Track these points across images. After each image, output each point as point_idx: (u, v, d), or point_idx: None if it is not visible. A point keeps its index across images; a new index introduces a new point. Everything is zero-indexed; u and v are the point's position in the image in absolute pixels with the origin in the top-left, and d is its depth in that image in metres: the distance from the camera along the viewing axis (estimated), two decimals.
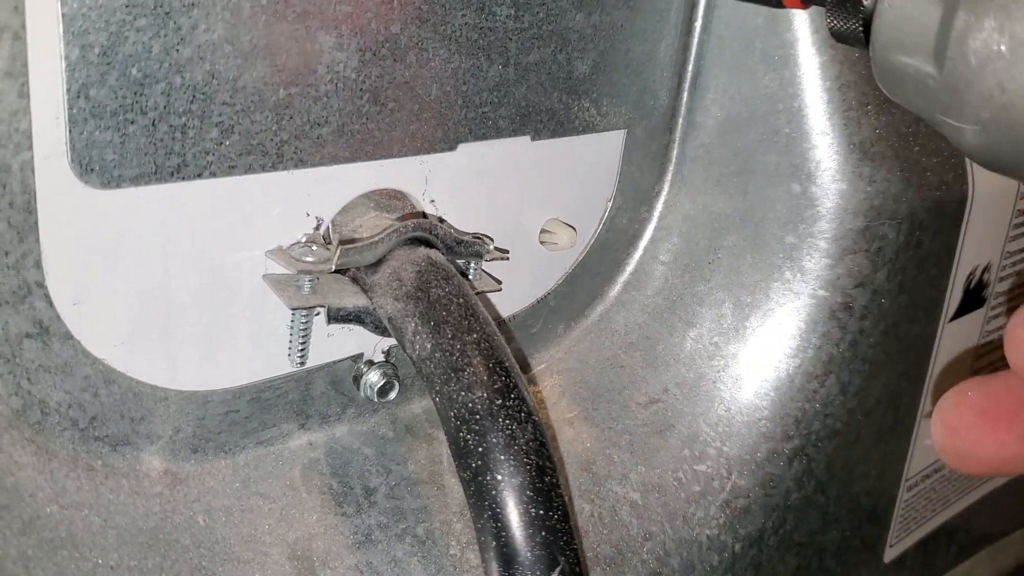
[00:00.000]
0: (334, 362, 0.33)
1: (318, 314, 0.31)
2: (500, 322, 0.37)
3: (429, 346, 0.29)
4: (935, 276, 0.41)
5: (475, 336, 0.29)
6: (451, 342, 0.28)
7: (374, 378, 0.33)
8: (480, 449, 0.27)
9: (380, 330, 0.32)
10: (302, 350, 0.31)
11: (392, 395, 0.34)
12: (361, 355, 0.34)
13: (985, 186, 0.41)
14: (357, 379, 0.34)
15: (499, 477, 0.27)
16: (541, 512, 0.27)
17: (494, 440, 0.27)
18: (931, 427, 0.24)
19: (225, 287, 0.30)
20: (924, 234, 0.39)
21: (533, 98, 0.33)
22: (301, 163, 0.29)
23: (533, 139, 0.34)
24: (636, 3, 0.34)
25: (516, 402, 0.28)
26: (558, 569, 0.26)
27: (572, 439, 0.38)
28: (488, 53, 0.31)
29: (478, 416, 0.27)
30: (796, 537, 0.40)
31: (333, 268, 0.29)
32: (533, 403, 0.28)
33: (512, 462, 0.27)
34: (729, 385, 0.38)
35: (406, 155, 0.31)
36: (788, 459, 0.39)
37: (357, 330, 0.33)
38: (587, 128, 0.35)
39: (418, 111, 0.30)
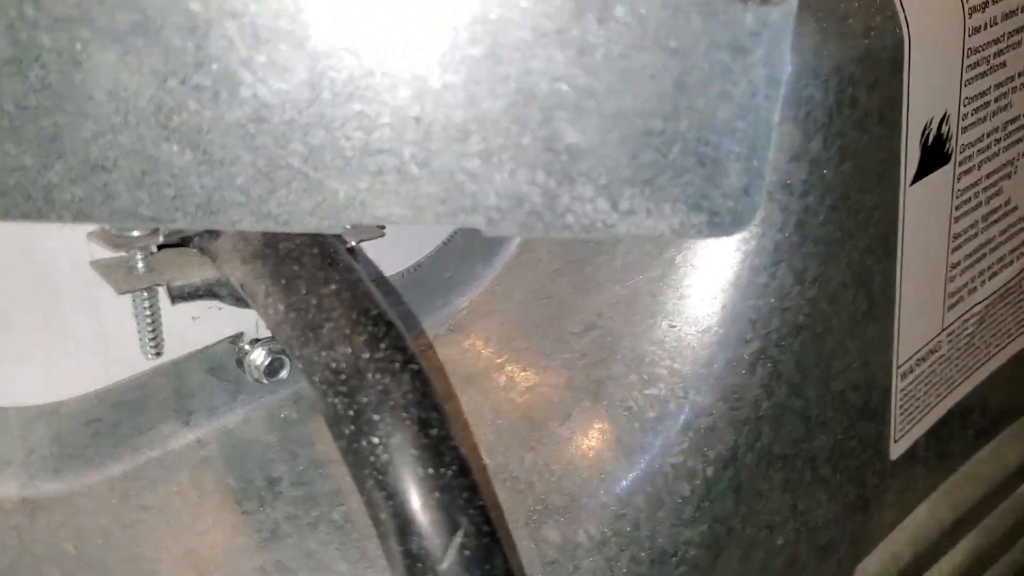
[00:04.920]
0: (208, 347, 0.30)
1: None
2: (379, 281, 0.33)
3: (282, 307, 0.25)
4: (882, 136, 0.36)
5: (333, 287, 0.25)
6: (306, 298, 0.25)
7: (259, 358, 0.30)
8: (351, 412, 0.23)
9: (242, 302, 0.28)
10: (153, 338, 0.27)
11: (283, 373, 0.30)
12: (241, 334, 0.30)
13: (923, 26, 0.36)
14: (240, 361, 0.30)
15: (375, 440, 0.23)
16: (431, 471, 0.23)
17: (364, 400, 0.23)
18: None
19: (48, 281, 0.26)
20: (858, 90, 0.34)
21: None
22: (83, 215, 0.21)
23: None
24: None
25: (388, 352, 0.24)
26: (460, 531, 0.23)
27: (505, 385, 0.34)
28: None
29: (344, 376, 0.23)
30: (777, 449, 0.36)
31: (161, 239, 0.26)
32: (412, 349, 0.24)
33: (388, 420, 0.23)
34: (670, 295, 0.34)
35: (250, 226, 0.22)
36: (750, 365, 0.34)
37: (231, 308, 0.29)
38: None
39: (267, 169, 0.22)
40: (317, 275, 0.25)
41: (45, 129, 0.21)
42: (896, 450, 0.43)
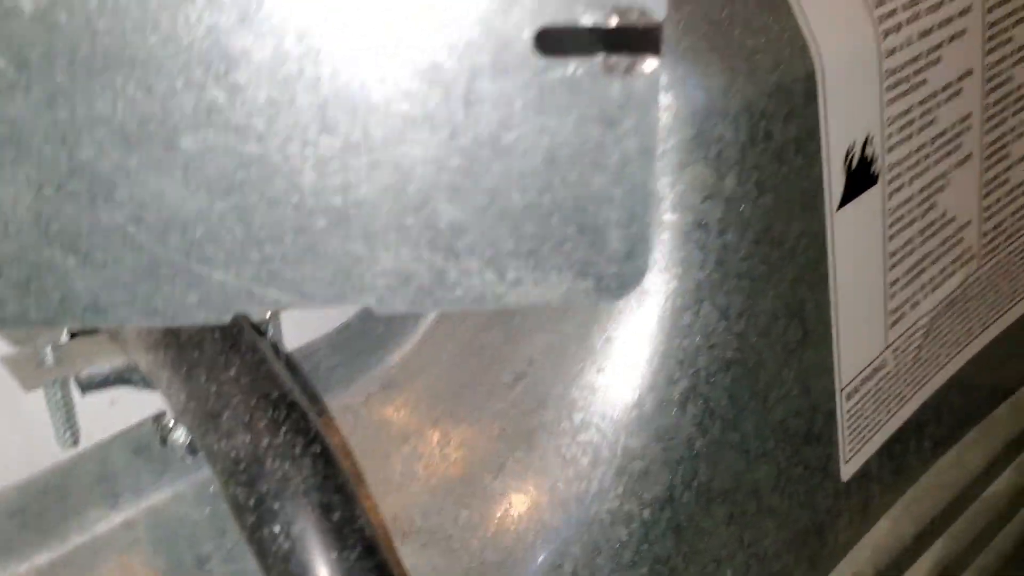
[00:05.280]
0: (131, 427, 0.30)
1: None
2: (288, 360, 0.33)
3: (183, 396, 0.25)
4: (802, 165, 0.36)
5: (233, 372, 0.25)
6: (205, 385, 0.25)
7: (181, 436, 0.30)
8: (252, 502, 0.23)
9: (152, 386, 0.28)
10: (69, 428, 0.27)
11: None
12: (163, 413, 0.30)
13: (836, 53, 0.37)
14: (164, 439, 0.30)
15: (276, 529, 0.23)
16: (334, 555, 0.23)
17: (264, 488, 0.23)
18: None
19: None
20: (772, 123, 0.35)
21: None
22: None
23: None
24: None
25: (288, 437, 0.24)
26: None
27: (439, 441, 0.34)
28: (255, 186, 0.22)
29: (243, 465, 0.24)
30: (717, 485, 0.36)
31: (66, 331, 0.26)
32: (315, 430, 0.25)
33: (289, 508, 0.23)
34: (597, 340, 0.34)
35: (138, 323, 0.23)
36: (680, 404, 0.35)
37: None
38: None
39: (150, 267, 0.22)
40: (217, 360, 0.25)
41: None
42: (847, 471, 0.43)
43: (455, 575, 0.32)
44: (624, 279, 0.24)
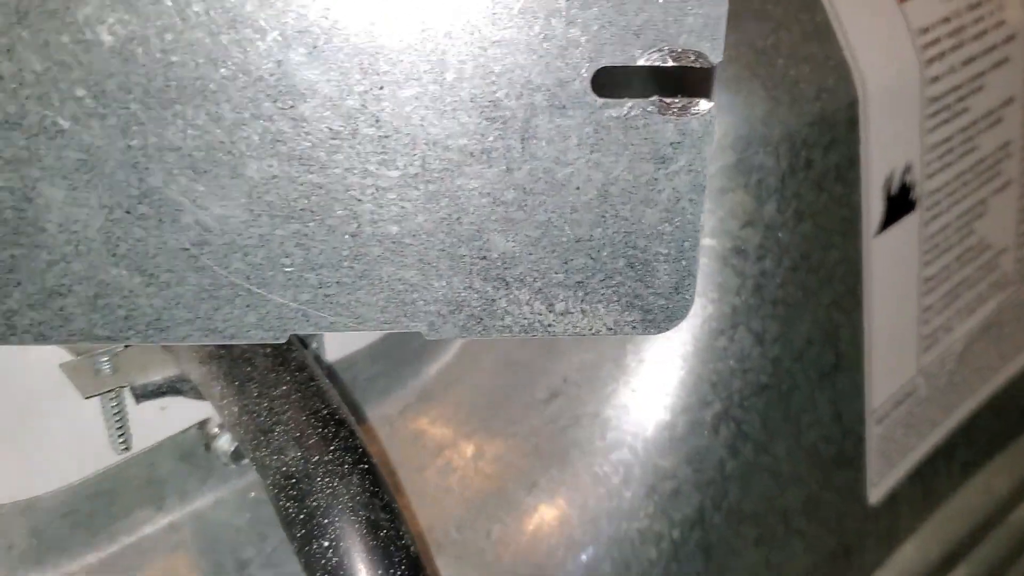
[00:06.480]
0: (178, 434, 0.31)
1: None
2: (330, 371, 0.33)
3: (236, 410, 0.26)
4: (842, 193, 0.37)
5: (284, 388, 0.26)
6: (257, 401, 0.25)
7: (225, 443, 0.31)
8: (302, 516, 0.24)
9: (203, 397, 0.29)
10: (121, 435, 0.28)
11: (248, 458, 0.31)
12: (208, 420, 0.31)
13: (879, 81, 0.37)
14: (208, 446, 0.31)
15: (326, 544, 0.24)
16: (380, 573, 0.24)
17: (314, 503, 0.24)
18: None
19: (20, 382, 0.27)
20: (812, 151, 0.35)
21: None
22: (43, 338, 0.23)
23: None
24: None
25: (337, 454, 0.25)
26: None
27: (473, 455, 0.35)
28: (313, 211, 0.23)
29: (294, 480, 0.24)
30: (746, 507, 0.37)
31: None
32: (362, 447, 0.25)
33: (338, 523, 0.24)
34: (631, 360, 0.35)
35: (199, 341, 0.24)
36: (712, 427, 0.35)
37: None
38: None
39: (212, 288, 0.23)
40: (268, 376, 0.26)
41: (2, 261, 0.22)
42: (875, 494, 0.43)
43: None
44: (671, 312, 0.25)
